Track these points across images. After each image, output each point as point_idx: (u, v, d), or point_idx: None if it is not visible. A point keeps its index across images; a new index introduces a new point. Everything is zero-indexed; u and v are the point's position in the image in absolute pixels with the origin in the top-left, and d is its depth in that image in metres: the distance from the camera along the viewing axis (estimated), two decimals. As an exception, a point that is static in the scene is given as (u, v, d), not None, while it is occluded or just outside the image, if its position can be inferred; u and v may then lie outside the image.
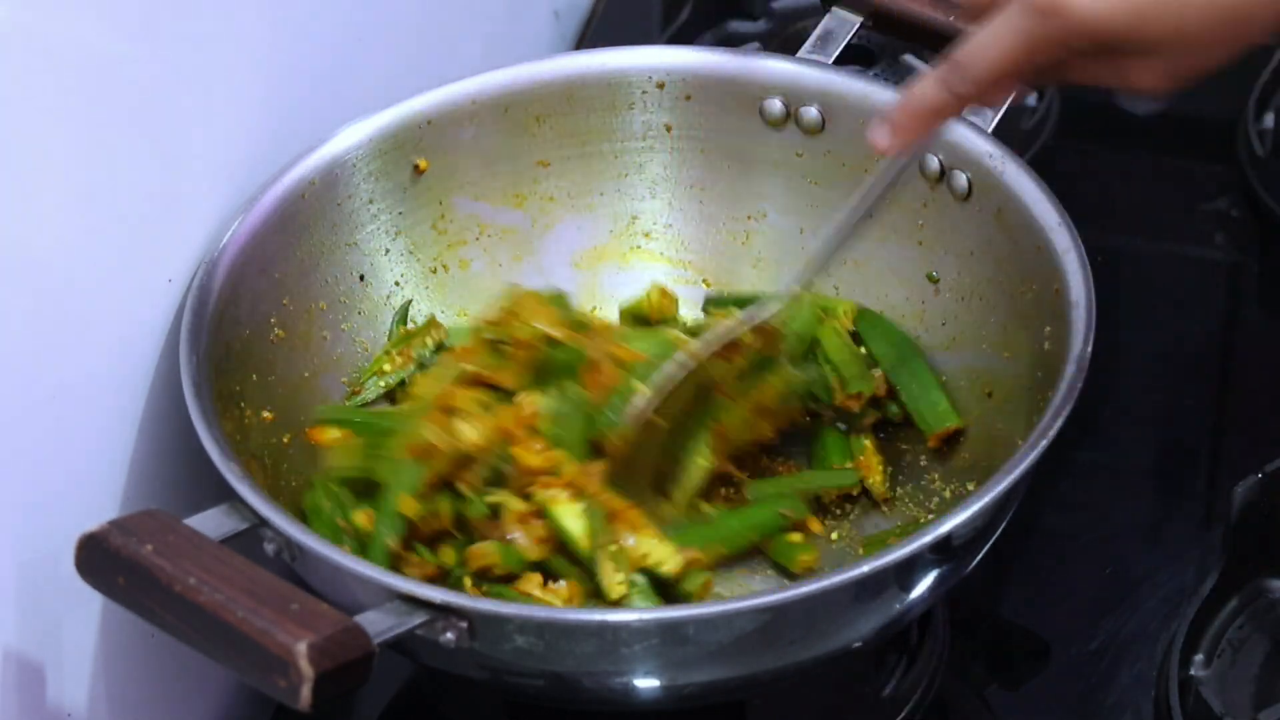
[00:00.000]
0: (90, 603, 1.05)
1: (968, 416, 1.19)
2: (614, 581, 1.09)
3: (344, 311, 1.22)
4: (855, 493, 1.19)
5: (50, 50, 0.98)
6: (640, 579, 1.10)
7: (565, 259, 1.28)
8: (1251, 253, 1.44)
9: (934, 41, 1.24)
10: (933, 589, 1.05)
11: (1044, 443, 1.03)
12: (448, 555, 1.11)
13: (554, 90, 1.25)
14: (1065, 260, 1.12)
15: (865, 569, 0.99)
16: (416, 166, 1.23)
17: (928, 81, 1.02)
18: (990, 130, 1.19)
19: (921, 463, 1.20)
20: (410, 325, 1.24)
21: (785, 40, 1.52)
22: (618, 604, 1.09)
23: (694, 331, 1.21)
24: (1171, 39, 0.96)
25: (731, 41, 1.54)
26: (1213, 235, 1.45)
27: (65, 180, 1.01)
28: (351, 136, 1.21)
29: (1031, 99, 1.47)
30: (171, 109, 1.09)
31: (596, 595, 1.10)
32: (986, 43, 0.98)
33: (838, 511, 1.19)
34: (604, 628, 0.99)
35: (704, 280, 1.28)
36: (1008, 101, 1.03)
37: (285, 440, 1.15)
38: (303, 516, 1.11)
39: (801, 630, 1.02)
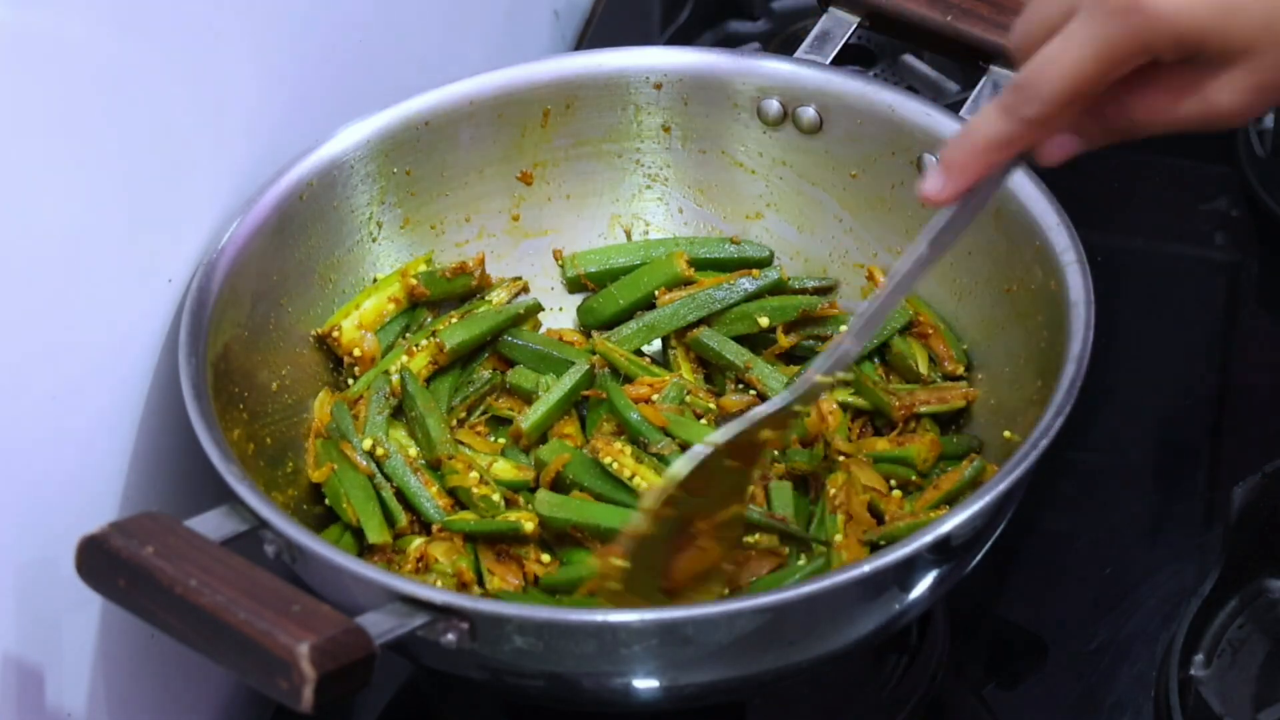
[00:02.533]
0: (90, 604, 1.05)
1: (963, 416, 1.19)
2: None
3: (343, 313, 1.22)
4: None
5: (50, 50, 0.98)
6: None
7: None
8: (1251, 253, 1.44)
9: (929, 41, 1.24)
10: (933, 589, 1.05)
11: (1044, 442, 1.03)
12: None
13: (552, 91, 1.25)
14: (1064, 260, 1.11)
15: (865, 569, 0.99)
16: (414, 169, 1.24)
17: (987, 111, 0.93)
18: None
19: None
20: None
21: (785, 40, 1.52)
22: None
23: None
24: (1261, 37, 0.88)
25: (731, 41, 1.54)
26: (1213, 235, 1.44)
27: (65, 180, 1.01)
28: (350, 138, 1.21)
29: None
30: (171, 109, 1.09)
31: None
32: (1054, 55, 0.89)
33: None
34: (604, 628, 0.99)
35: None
36: (1064, 154, 0.93)
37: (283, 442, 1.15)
38: (303, 516, 1.11)
39: (801, 630, 1.02)
